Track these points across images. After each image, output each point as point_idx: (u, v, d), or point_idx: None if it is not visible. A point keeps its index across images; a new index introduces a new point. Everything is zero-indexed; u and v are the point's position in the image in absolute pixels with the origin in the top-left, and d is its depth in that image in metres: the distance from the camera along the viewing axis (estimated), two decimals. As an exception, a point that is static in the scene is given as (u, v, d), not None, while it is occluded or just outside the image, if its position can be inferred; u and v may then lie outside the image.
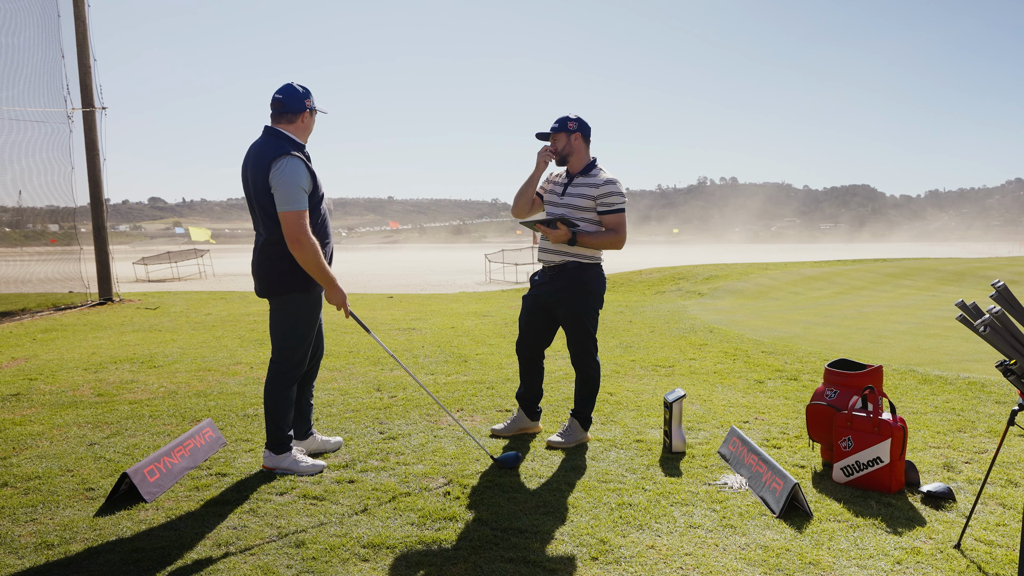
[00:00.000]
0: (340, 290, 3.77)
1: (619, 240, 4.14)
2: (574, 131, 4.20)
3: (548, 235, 4.10)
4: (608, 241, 4.12)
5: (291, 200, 3.54)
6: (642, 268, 21.50)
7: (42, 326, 9.83)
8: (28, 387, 5.88)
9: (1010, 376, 2.72)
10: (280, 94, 3.70)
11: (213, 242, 57.23)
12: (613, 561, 2.87)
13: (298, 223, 3.55)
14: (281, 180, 3.54)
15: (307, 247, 3.58)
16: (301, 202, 3.57)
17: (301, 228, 3.56)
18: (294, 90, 3.71)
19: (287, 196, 3.54)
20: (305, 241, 3.57)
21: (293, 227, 3.55)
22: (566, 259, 4.18)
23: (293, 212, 3.54)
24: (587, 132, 4.25)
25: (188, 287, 21.57)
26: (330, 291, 3.75)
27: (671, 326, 9.62)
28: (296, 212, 3.55)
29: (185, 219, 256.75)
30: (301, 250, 3.57)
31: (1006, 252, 54.08)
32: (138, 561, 2.85)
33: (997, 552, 2.91)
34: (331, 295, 3.77)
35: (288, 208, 3.54)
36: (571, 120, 4.21)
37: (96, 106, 12.79)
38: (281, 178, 3.54)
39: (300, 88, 3.74)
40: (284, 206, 3.55)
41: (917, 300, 13.44)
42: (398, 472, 3.84)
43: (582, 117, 4.24)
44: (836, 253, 55.24)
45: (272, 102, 3.71)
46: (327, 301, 3.83)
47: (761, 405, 5.28)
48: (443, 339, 8.45)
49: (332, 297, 3.77)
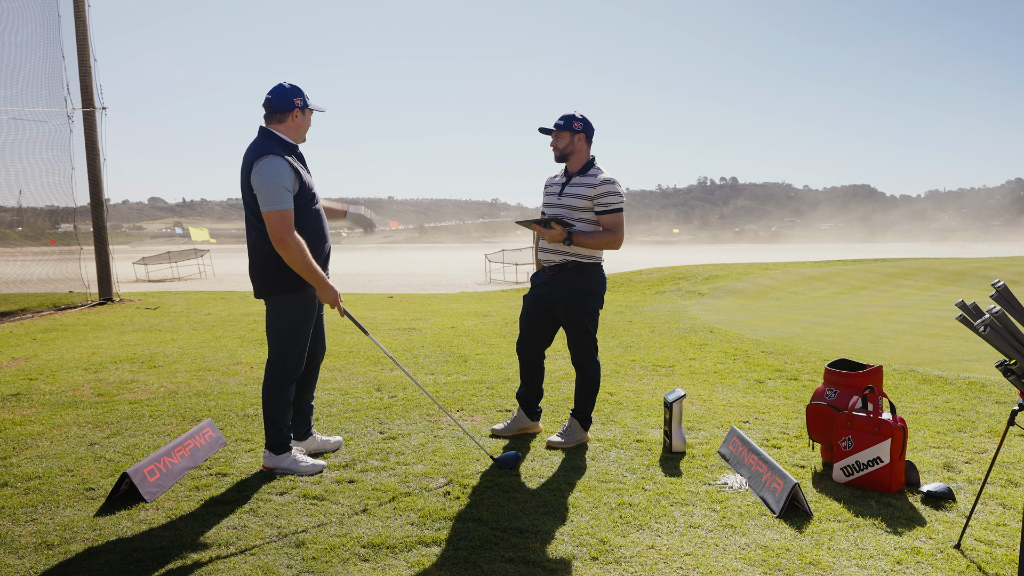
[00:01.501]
0: (331, 288, 3.75)
1: (616, 240, 4.11)
2: (579, 131, 4.15)
3: (544, 235, 4.08)
4: (605, 241, 4.09)
5: (273, 200, 3.53)
6: (642, 268, 21.49)
7: (42, 326, 9.83)
8: (28, 387, 5.88)
9: (1010, 376, 2.73)
10: (270, 94, 3.71)
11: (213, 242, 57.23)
12: (613, 561, 2.87)
13: (282, 223, 3.54)
14: (262, 180, 3.53)
15: (292, 246, 3.56)
16: (284, 201, 3.55)
17: (285, 228, 3.54)
18: (282, 89, 3.71)
19: (269, 196, 3.53)
20: (290, 240, 3.55)
21: (277, 227, 3.53)
22: (566, 259, 4.16)
23: (276, 212, 3.53)
24: (591, 133, 4.21)
25: (188, 287, 21.58)
26: (321, 290, 3.73)
27: (671, 326, 9.62)
28: (279, 212, 3.53)
29: (185, 219, 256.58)
30: (287, 250, 3.56)
31: (1006, 252, 54.05)
32: (138, 561, 2.85)
33: (997, 552, 2.91)
34: (322, 293, 3.74)
35: (271, 208, 3.53)
36: (577, 120, 4.14)
37: (96, 106, 12.79)
38: (262, 178, 3.53)
39: (288, 87, 3.72)
40: (267, 206, 3.54)
41: (917, 300, 13.44)
42: (398, 472, 3.84)
43: (587, 117, 4.19)
44: (836, 253, 55.22)
45: (263, 103, 3.72)
46: (320, 300, 3.81)
47: (761, 405, 5.28)
48: (443, 339, 8.45)
49: (324, 295, 3.75)
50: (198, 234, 49.63)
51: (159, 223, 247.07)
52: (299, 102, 3.71)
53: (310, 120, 3.83)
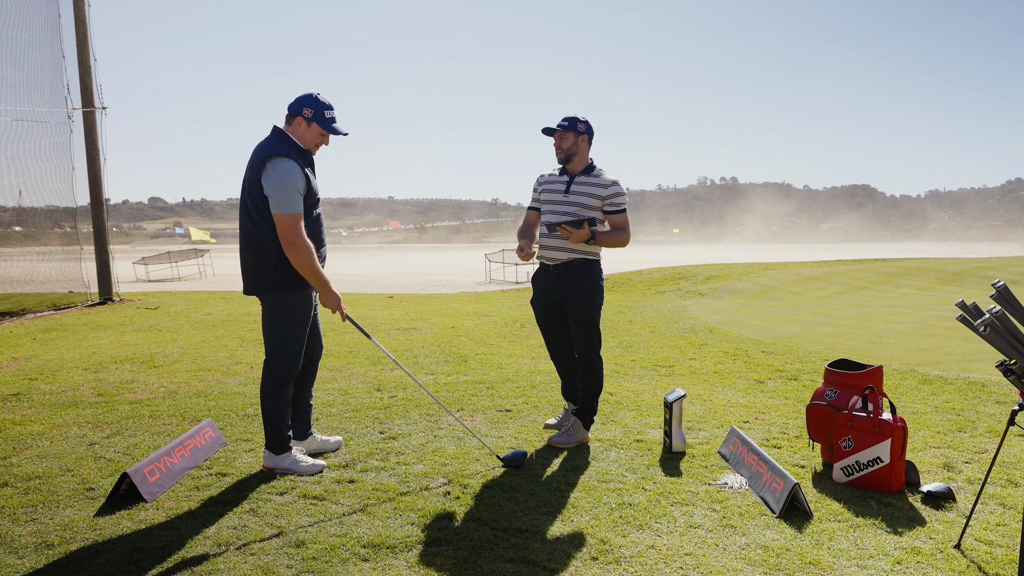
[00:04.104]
0: (335, 294, 3.76)
1: (628, 238, 4.30)
2: (583, 132, 4.25)
3: (570, 235, 4.10)
4: (621, 239, 4.25)
5: (286, 203, 3.54)
6: (642, 268, 21.49)
7: (42, 326, 9.83)
8: (28, 387, 5.88)
9: (1010, 376, 2.72)
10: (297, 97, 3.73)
11: (213, 241, 57.22)
12: (613, 561, 2.87)
13: (293, 226, 3.55)
14: (275, 182, 3.54)
15: (302, 250, 3.57)
16: (296, 205, 3.57)
17: (296, 231, 3.56)
18: (302, 96, 3.72)
19: (282, 199, 3.54)
20: (300, 244, 3.57)
21: (288, 230, 3.55)
22: (573, 256, 4.25)
23: (289, 215, 3.54)
24: (592, 135, 4.32)
25: (188, 287, 21.57)
26: (324, 294, 3.74)
27: (671, 326, 9.62)
28: (291, 215, 3.55)
29: (185, 219, 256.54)
30: (296, 253, 3.57)
31: (1006, 252, 54.06)
32: (138, 561, 2.85)
33: (997, 552, 2.91)
34: (325, 298, 3.75)
35: (283, 211, 3.54)
36: (580, 121, 4.26)
37: (96, 106, 12.79)
38: (275, 180, 3.54)
39: (308, 97, 3.70)
40: (279, 209, 3.55)
41: (917, 300, 13.44)
42: (398, 472, 3.84)
43: (588, 120, 4.29)
44: (836, 253, 55.23)
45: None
46: (322, 304, 3.81)
47: (761, 405, 5.28)
48: (443, 339, 8.45)
49: (326, 300, 3.76)
50: (198, 234, 49.67)
51: (159, 223, 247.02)
52: (307, 113, 3.68)
53: (317, 135, 3.74)
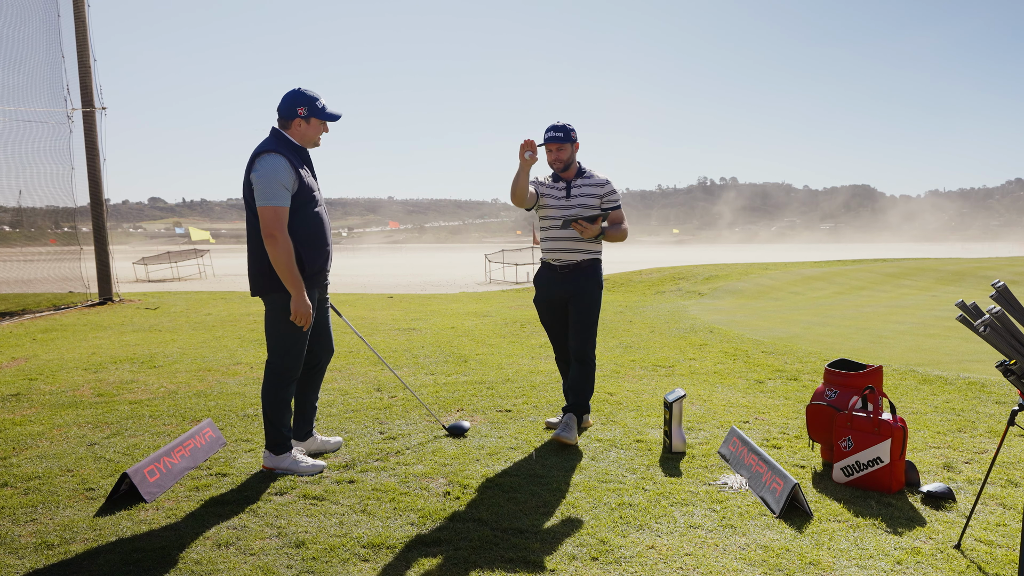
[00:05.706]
0: (306, 302, 3.64)
1: (626, 232, 4.53)
2: (575, 141, 4.44)
3: (585, 230, 4.20)
4: (622, 233, 4.47)
5: (268, 195, 3.54)
6: (642, 268, 21.48)
7: (42, 326, 9.83)
8: (28, 387, 5.88)
9: (1010, 376, 2.72)
10: (281, 101, 3.71)
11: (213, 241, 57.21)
12: (613, 561, 2.87)
13: (274, 218, 3.54)
14: (259, 175, 3.54)
15: (280, 244, 3.55)
16: (278, 198, 3.55)
17: (277, 224, 3.55)
18: (289, 97, 3.70)
19: (264, 191, 3.54)
20: (279, 237, 3.55)
21: (269, 222, 3.54)
22: (584, 257, 4.42)
23: (270, 207, 3.54)
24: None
25: (188, 287, 21.58)
26: (296, 298, 3.61)
27: (671, 326, 9.62)
28: (272, 208, 3.54)
29: (185, 219, 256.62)
30: (274, 246, 3.55)
31: (1006, 252, 54.05)
32: (138, 561, 2.85)
33: (997, 552, 2.91)
34: (295, 302, 3.61)
35: (265, 203, 3.54)
36: (572, 130, 4.43)
37: (96, 106, 12.79)
38: (260, 174, 3.54)
39: (295, 94, 3.69)
40: (261, 200, 3.54)
41: (917, 300, 13.44)
42: (398, 472, 3.84)
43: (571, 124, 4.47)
44: (836, 253, 55.22)
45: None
46: (292, 308, 3.62)
47: (761, 405, 5.28)
48: (443, 339, 8.45)
49: (296, 304, 3.61)
50: (198, 234, 49.67)
51: (159, 223, 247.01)
52: (302, 111, 3.68)
53: (319, 128, 3.76)
